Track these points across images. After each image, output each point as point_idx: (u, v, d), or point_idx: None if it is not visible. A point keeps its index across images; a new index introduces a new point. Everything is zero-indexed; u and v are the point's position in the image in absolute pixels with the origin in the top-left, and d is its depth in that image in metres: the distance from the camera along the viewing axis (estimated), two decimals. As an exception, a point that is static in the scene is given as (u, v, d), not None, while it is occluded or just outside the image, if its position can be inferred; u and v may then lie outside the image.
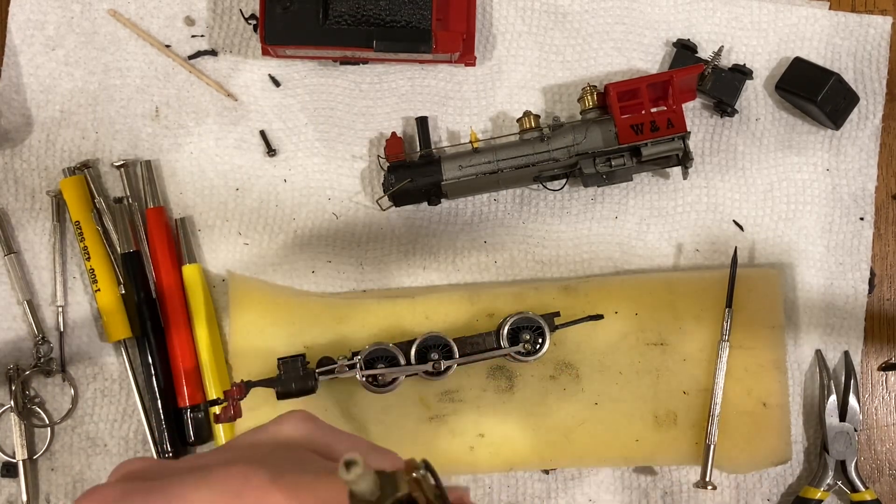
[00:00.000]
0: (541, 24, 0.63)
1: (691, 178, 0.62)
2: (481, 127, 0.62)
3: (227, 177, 0.62)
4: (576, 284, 0.60)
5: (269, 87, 0.62)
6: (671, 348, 0.60)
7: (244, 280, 0.60)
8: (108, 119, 0.62)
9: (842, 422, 0.60)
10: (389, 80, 0.62)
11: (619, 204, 0.62)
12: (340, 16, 0.58)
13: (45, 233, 0.61)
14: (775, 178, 0.63)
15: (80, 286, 0.61)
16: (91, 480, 0.60)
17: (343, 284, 0.62)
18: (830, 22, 0.63)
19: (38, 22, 0.62)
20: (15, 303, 0.61)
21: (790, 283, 0.62)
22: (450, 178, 0.59)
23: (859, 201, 0.62)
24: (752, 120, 0.63)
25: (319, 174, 0.62)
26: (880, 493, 0.61)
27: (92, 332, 0.61)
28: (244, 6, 0.63)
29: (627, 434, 0.59)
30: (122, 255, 0.60)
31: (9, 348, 0.61)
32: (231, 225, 0.62)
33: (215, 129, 0.62)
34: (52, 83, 0.62)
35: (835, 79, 0.59)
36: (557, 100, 0.63)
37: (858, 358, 0.62)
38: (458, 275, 0.62)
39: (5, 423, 0.60)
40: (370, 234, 0.62)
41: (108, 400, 0.61)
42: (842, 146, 0.63)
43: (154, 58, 0.62)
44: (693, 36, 0.62)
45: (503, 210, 0.62)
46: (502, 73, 0.63)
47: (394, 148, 0.59)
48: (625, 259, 0.62)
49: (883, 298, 0.63)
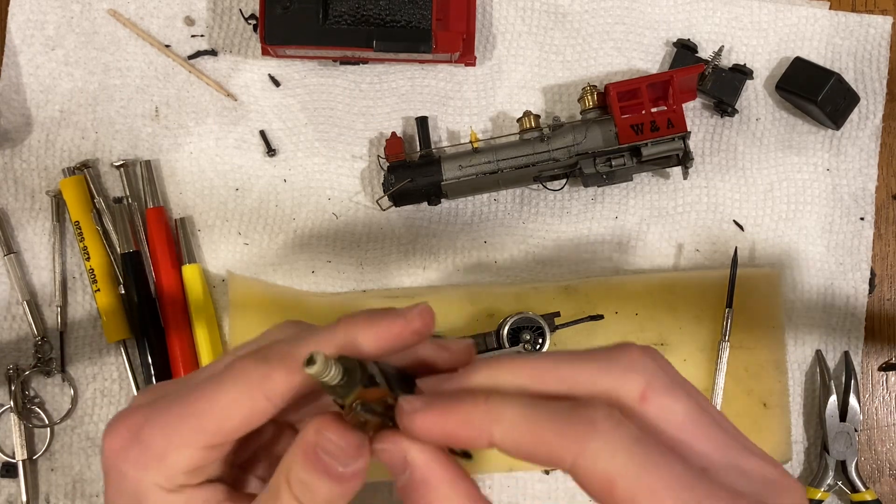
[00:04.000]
0: (541, 24, 0.63)
1: (691, 178, 0.62)
2: (481, 127, 0.62)
3: (227, 177, 0.62)
4: (576, 284, 0.60)
5: (269, 87, 0.62)
6: (671, 348, 0.60)
7: (244, 280, 0.60)
8: (107, 119, 0.62)
9: (842, 422, 0.60)
10: (389, 80, 0.62)
11: (620, 204, 0.62)
12: (340, 16, 0.58)
13: (45, 233, 0.61)
14: (775, 178, 0.63)
15: (80, 286, 0.61)
16: (91, 480, 0.60)
17: (343, 284, 0.62)
18: (831, 22, 0.63)
19: (38, 22, 0.62)
20: (15, 303, 0.61)
21: (790, 283, 0.62)
22: (450, 178, 0.59)
23: (860, 201, 0.62)
24: (752, 120, 0.63)
25: (319, 174, 0.62)
26: (881, 494, 0.61)
27: (92, 332, 0.61)
28: (244, 6, 0.63)
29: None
30: (122, 255, 0.60)
31: (9, 348, 0.61)
32: (231, 225, 0.62)
33: (215, 129, 0.62)
34: (51, 83, 0.62)
35: (835, 79, 0.59)
36: (557, 100, 0.63)
37: (859, 358, 0.62)
38: (458, 275, 0.62)
39: (5, 423, 0.60)
40: (370, 234, 0.62)
41: (108, 400, 0.61)
42: (842, 146, 0.63)
43: (154, 58, 0.62)
44: (693, 36, 0.62)
45: (503, 210, 0.62)
46: (502, 73, 0.63)
47: (394, 148, 0.59)
48: (625, 259, 0.62)
49: (883, 298, 0.63)
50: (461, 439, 0.29)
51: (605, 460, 0.27)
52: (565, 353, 0.31)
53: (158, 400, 0.33)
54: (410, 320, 0.32)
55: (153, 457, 0.32)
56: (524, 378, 0.30)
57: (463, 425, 0.29)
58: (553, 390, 0.30)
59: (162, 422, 0.32)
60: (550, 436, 0.28)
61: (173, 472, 0.32)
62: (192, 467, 0.33)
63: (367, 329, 0.32)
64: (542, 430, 0.28)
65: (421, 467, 0.30)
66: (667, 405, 0.29)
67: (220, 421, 0.32)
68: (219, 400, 0.31)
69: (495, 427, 0.28)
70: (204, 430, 0.32)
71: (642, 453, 0.27)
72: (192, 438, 0.32)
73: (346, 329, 0.32)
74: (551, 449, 0.28)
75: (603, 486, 0.27)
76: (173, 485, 0.33)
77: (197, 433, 0.32)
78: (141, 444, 0.32)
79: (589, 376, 0.29)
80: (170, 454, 0.32)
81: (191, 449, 0.32)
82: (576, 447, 0.27)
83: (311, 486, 0.31)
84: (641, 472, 0.27)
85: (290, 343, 0.32)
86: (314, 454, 0.31)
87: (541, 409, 0.28)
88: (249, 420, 0.32)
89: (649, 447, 0.27)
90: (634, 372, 0.29)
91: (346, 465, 0.30)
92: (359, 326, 0.32)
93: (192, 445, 0.32)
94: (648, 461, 0.27)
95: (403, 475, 0.30)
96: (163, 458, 0.32)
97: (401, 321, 0.32)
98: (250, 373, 0.31)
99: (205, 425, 0.32)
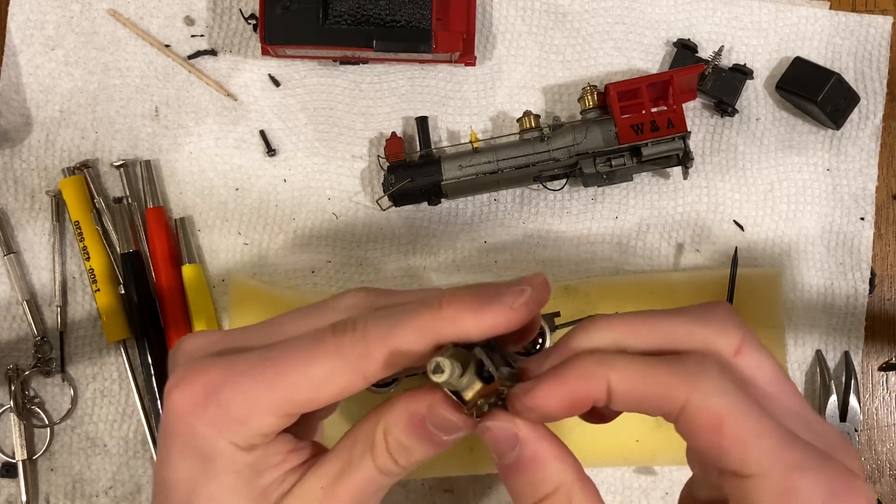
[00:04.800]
0: (541, 23, 0.63)
1: (691, 178, 0.62)
2: (481, 127, 0.62)
3: (227, 177, 0.62)
4: (576, 284, 0.60)
5: (269, 87, 0.62)
6: (671, 348, 0.60)
7: (244, 280, 0.60)
8: (107, 119, 0.62)
9: (842, 422, 0.60)
10: (389, 80, 0.62)
11: (620, 204, 0.62)
12: (340, 16, 0.58)
13: (45, 233, 0.61)
14: (776, 178, 0.63)
15: (79, 286, 0.61)
16: (90, 481, 0.60)
17: (343, 284, 0.62)
18: (831, 22, 0.63)
19: (38, 22, 0.62)
20: (15, 303, 0.61)
21: (790, 283, 0.62)
22: (450, 178, 0.59)
23: (860, 201, 0.62)
24: (752, 120, 0.63)
25: (319, 174, 0.62)
26: (881, 494, 0.61)
27: (92, 332, 0.61)
28: (244, 6, 0.63)
29: (627, 434, 0.59)
30: (122, 255, 0.60)
31: (9, 348, 0.61)
32: (231, 225, 0.62)
33: (215, 128, 0.62)
34: (51, 83, 0.62)
35: (835, 79, 0.59)
36: (557, 100, 0.63)
37: (859, 358, 0.62)
38: (458, 275, 0.62)
39: (5, 423, 0.60)
40: (370, 234, 0.62)
41: (108, 400, 0.61)
42: (842, 146, 0.63)
43: (154, 58, 0.62)
44: (693, 36, 0.62)
45: (503, 210, 0.62)
46: (502, 73, 0.63)
47: (394, 148, 0.59)
48: (625, 259, 0.62)
49: (883, 299, 0.63)
50: (580, 397, 0.30)
51: (717, 399, 0.29)
52: (657, 311, 0.32)
53: (238, 362, 0.33)
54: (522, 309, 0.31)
55: (233, 419, 0.32)
56: (621, 334, 0.31)
57: (580, 381, 0.30)
58: (650, 345, 0.31)
59: (246, 387, 0.32)
60: (664, 377, 0.29)
61: (252, 434, 0.33)
62: (274, 431, 0.33)
63: (475, 318, 0.31)
64: (657, 373, 0.29)
65: (532, 444, 0.31)
66: (760, 361, 0.31)
67: (311, 393, 0.32)
68: (313, 374, 0.32)
69: (612, 373, 0.30)
70: (292, 401, 0.32)
71: (748, 398, 0.29)
72: (278, 407, 0.32)
73: (450, 316, 0.31)
74: (666, 390, 0.29)
75: (712, 423, 0.29)
76: (248, 444, 0.33)
77: (284, 402, 0.32)
78: (220, 405, 0.32)
79: (686, 330, 0.31)
80: (252, 419, 0.32)
81: (275, 416, 0.33)
82: (688, 388, 0.29)
83: (410, 449, 0.32)
84: (749, 413, 0.29)
85: (388, 321, 0.32)
86: (421, 424, 0.32)
87: (649, 359, 0.30)
88: (341, 394, 0.32)
89: (750, 395, 0.29)
90: (732, 326, 0.31)
91: (450, 435, 0.32)
92: (465, 313, 0.31)
93: (277, 413, 0.32)
94: (754, 406, 0.29)
95: (511, 453, 0.31)
96: (244, 422, 0.33)
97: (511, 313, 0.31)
98: (348, 350, 0.32)
99: (293, 396, 0.32)
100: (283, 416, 0.33)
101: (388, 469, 0.33)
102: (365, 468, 0.33)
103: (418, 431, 0.32)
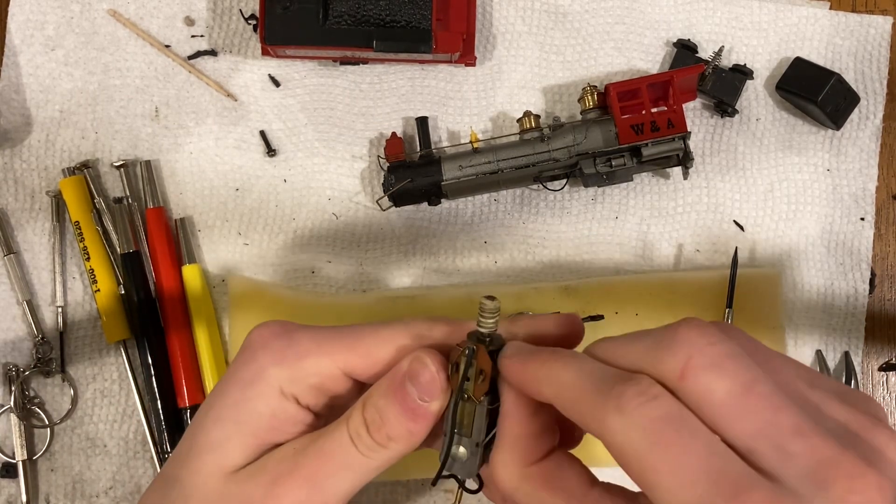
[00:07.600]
0: (541, 24, 0.63)
1: (691, 178, 0.62)
2: (481, 127, 0.62)
3: (227, 177, 0.62)
4: (576, 285, 0.60)
5: (269, 88, 0.62)
6: (671, 348, 0.60)
7: (244, 280, 0.60)
8: (107, 119, 0.62)
9: (842, 422, 0.60)
10: (389, 80, 0.62)
11: (620, 204, 0.62)
12: (340, 16, 0.58)
13: (45, 233, 0.61)
14: (776, 178, 0.63)
15: (79, 286, 0.61)
16: (91, 481, 0.60)
17: (343, 284, 0.62)
18: (831, 22, 0.63)
19: (38, 22, 0.62)
20: (14, 303, 0.61)
21: (790, 283, 0.62)
22: (450, 179, 0.59)
23: (860, 202, 0.62)
24: (752, 120, 0.63)
25: (319, 174, 0.62)
26: (881, 494, 0.61)
27: (92, 332, 0.61)
28: (244, 6, 0.63)
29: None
30: (122, 256, 0.60)
31: (8, 348, 0.61)
32: (231, 225, 0.62)
33: (215, 129, 0.62)
34: (51, 83, 0.62)
35: (835, 79, 0.59)
36: (557, 100, 0.63)
37: (859, 358, 0.62)
38: (458, 275, 0.62)
39: (5, 423, 0.60)
40: (370, 234, 0.62)
41: (108, 400, 0.61)
42: (842, 146, 0.63)
43: (154, 58, 0.62)
44: (693, 36, 0.62)
45: (503, 210, 0.62)
46: (502, 73, 0.63)
47: (394, 148, 0.59)
48: (625, 259, 0.62)
49: (883, 299, 0.63)
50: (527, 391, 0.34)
51: (621, 435, 0.29)
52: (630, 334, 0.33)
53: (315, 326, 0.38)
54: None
55: (295, 353, 0.36)
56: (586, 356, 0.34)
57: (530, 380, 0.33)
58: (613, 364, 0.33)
59: (320, 335, 0.37)
60: (585, 405, 0.31)
61: (301, 376, 0.36)
62: (323, 380, 0.37)
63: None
64: (581, 398, 0.31)
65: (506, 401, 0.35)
66: (706, 383, 0.29)
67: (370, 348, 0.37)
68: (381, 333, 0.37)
69: (545, 388, 0.33)
70: (354, 350, 0.37)
71: (657, 432, 0.28)
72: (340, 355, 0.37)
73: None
74: (584, 417, 0.31)
75: (617, 457, 0.29)
76: (289, 391, 0.36)
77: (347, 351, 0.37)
78: (290, 338, 0.37)
79: (635, 355, 0.31)
80: (310, 357, 0.36)
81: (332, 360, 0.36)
82: (602, 418, 0.29)
83: (383, 411, 0.35)
84: (652, 450, 0.28)
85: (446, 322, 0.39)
86: (399, 384, 0.35)
87: (587, 379, 0.31)
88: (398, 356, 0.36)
89: (671, 426, 0.28)
90: (676, 350, 0.30)
91: (423, 399, 0.35)
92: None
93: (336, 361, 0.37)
94: (661, 440, 0.28)
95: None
96: (303, 357, 0.37)
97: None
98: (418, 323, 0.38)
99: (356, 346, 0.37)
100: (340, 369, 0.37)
101: (359, 433, 0.35)
102: (336, 434, 0.36)
103: (395, 391, 0.35)
